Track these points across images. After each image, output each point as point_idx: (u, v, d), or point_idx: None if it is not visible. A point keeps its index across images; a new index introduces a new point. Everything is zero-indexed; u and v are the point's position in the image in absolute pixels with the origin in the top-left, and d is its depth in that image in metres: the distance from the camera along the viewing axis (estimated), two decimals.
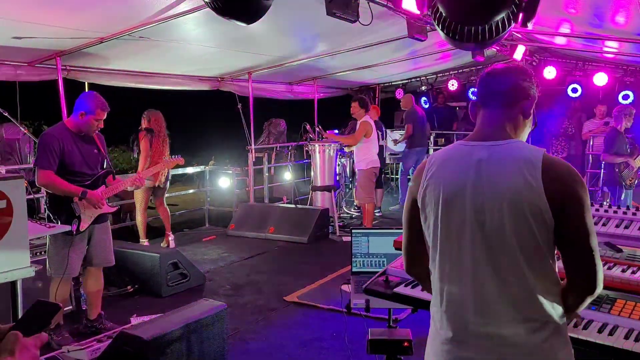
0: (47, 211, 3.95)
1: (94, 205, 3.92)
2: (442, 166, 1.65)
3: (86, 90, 6.42)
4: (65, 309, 4.48)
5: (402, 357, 2.70)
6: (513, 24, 2.64)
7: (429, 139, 9.89)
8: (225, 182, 9.00)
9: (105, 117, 3.99)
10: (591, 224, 1.51)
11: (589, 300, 1.56)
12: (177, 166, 5.80)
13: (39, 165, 3.80)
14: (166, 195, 8.36)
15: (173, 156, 5.03)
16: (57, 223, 3.82)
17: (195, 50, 6.05)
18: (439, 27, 2.88)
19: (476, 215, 1.55)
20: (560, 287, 1.57)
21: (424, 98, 10.86)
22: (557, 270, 1.57)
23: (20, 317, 1.53)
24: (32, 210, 4.75)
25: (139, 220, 6.68)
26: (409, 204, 1.76)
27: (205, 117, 21.96)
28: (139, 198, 6.59)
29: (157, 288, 5.05)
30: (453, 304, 1.60)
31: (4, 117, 5.38)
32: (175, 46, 5.70)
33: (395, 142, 9.46)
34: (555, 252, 1.57)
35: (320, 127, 8.28)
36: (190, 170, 9.87)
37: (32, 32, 4.66)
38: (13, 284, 2.81)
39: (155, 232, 8.53)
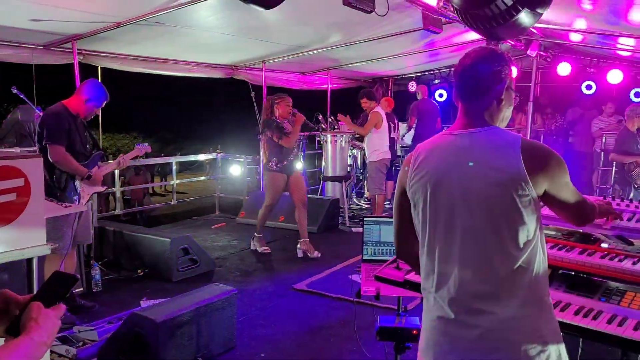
0: (55, 185, 4.03)
1: (94, 184, 4.15)
2: (428, 156, 1.74)
3: (99, 74, 6.50)
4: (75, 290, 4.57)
5: (410, 345, 2.73)
6: (529, 15, 2.63)
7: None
8: (236, 170, 9.04)
9: None
10: (572, 191, 1.69)
11: None
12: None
13: (52, 141, 3.90)
14: (177, 181, 8.45)
15: (145, 144, 4.98)
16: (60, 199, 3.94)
17: (210, 37, 6.07)
18: (456, 14, 2.89)
19: (463, 198, 1.63)
20: (545, 263, 1.66)
21: (440, 90, 10.78)
22: (543, 245, 1.65)
23: (37, 289, 1.55)
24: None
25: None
26: (399, 193, 1.85)
27: (218, 105, 22.01)
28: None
29: (167, 273, 5.10)
30: (442, 285, 1.68)
31: (20, 99, 5.46)
32: (190, 32, 5.72)
33: (401, 136, 9.43)
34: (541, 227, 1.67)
35: (333, 117, 8.31)
36: (201, 157, 9.94)
37: (49, 15, 4.70)
38: (29, 261, 2.86)
39: (156, 221, 8.63)
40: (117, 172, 6.96)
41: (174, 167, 8.24)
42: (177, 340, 3.26)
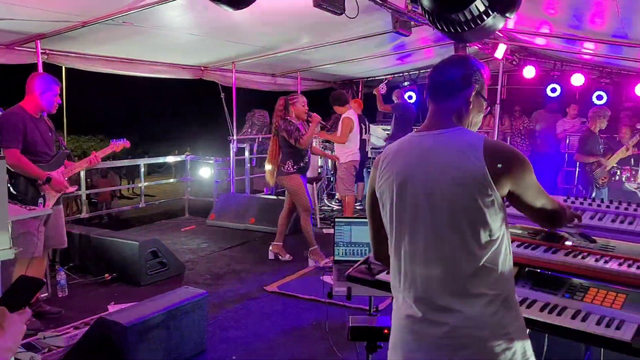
0: (13, 190, 3.92)
1: (58, 190, 4.07)
2: (395, 157, 1.76)
3: (63, 74, 6.36)
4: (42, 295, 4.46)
5: (382, 344, 2.75)
6: (498, 17, 2.69)
7: None
8: (206, 172, 8.96)
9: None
10: (538, 190, 1.71)
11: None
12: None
13: (5, 144, 3.81)
14: (145, 184, 8.32)
15: (121, 140, 4.79)
16: (23, 203, 3.84)
17: (179, 37, 6.00)
18: (425, 16, 2.94)
19: (426, 198, 1.65)
20: (510, 261, 1.69)
21: (409, 93, 10.90)
22: (508, 244, 1.68)
23: (2, 294, 1.52)
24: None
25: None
26: (369, 193, 1.88)
27: (187, 107, 21.75)
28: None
29: (135, 276, 5.02)
30: (409, 283, 1.71)
31: None
32: (159, 33, 5.65)
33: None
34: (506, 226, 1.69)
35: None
36: (170, 159, 9.82)
37: (11, 13, 4.57)
38: None
39: (124, 224, 8.49)
40: (82, 174, 6.81)
41: (142, 170, 8.11)
42: (147, 344, 3.21)
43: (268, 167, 5.78)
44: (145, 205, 8.27)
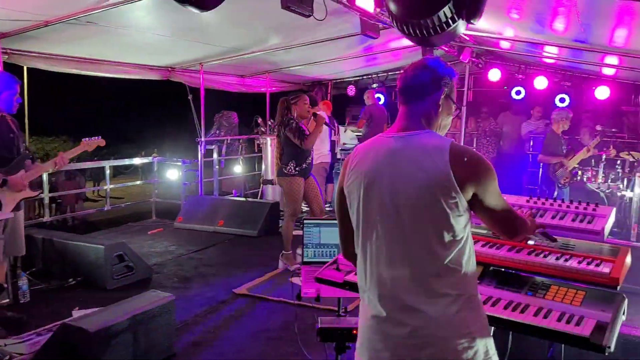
0: None
1: (17, 190, 3.94)
2: (363, 157, 1.79)
3: (25, 74, 6.19)
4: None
5: (350, 345, 2.77)
6: (462, 22, 2.74)
7: None
8: (173, 174, 8.84)
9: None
10: (499, 198, 1.71)
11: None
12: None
13: None
14: (111, 186, 8.17)
15: (94, 137, 4.65)
16: None
17: (146, 38, 5.92)
18: (391, 20, 2.97)
19: (392, 199, 1.68)
20: (473, 262, 1.72)
21: (377, 95, 10.98)
22: (471, 245, 1.71)
23: None
24: None
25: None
26: (339, 193, 1.89)
27: (155, 108, 21.39)
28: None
29: (101, 281, 4.93)
30: (374, 283, 1.74)
31: None
32: (125, 33, 5.56)
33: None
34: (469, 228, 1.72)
35: (272, 120, 8.28)
36: (136, 161, 9.66)
37: None
38: None
39: (90, 227, 8.31)
40: (45, 176, 6.64)
41: (108, 172, 7.96)
42: (113, 351, 3.15)
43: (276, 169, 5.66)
44: (111, 208, 8.12)
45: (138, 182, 10.31)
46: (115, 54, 6.77)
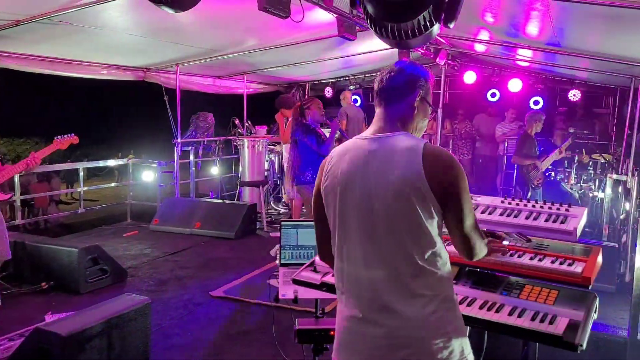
0: None
1: None
2: (339, 159, 1.79)
3: None
4: None
5: (328, 346, 2.77)
6: (436, 24, 2.77)
7: None
8: (149, 176, 8.73)
9: None
10: (468, 206, 1.68)
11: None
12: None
13: None
14: (84, 188, 8.04)
15: (67, 135, 4.60)
16: None
17: (120, 38, 5.83)
18: (368, 23, 2.99)
19: (366, 201, 1.69)
20: (448, 263, 1.73)
21: (354, 96, 11.02)
22: (443, 246, 1.71)
23: None
24: None
25: None
26: (315, 194, 1.89)
27: (130, 109, 21.12)
28: None
29: (74, 284, 4.84)
30: (350, 284, 1.75)
31: None
32: (98, 33, 5.47)
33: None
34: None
35: (250, 122, 8.26)
36: (111, 163, 9.52)
37: None
38: None
39: (64, 230, 8.18)
40: (16, 178, 6.50)
41: (81, 173, 7.83)
42: (87, 355, 3.09)
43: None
44: (85, 211, 7.99)
45: (112, 184, 10.15)
46: (88, 54, 6.67)
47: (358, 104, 10.88)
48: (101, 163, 9.24)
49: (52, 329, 3.03)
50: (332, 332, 2.74)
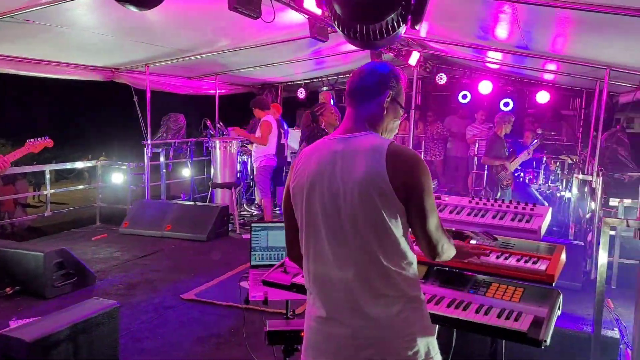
0: None
1: None
2: (308, 159, 1.79)
3: None
4: None
5: (299, 347, 2.76)
6: (403, 26, 2.80)
7: None
8: (118, 178, 8.58)
9: None
10: (431, 206, 1.67)
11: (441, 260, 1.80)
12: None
13: None
14: (52, 191, 7.86)
15: (40, 138, 4.46)
16: None
17: (87, 37, 5.71)
18: (335, 23, 3.00)
19: (332, 201, 1.69)
20: (414, 263, 1.72)
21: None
22: (409, 246, 1.71)
23: None
24: None
25: None
26: (285, 194, 1.89)
27: (98, 110, 20.73)
28: None
29: (40, 289, 4.73)
30: (318, 284, 1.75)
31: None
32: (65, 32, 5.35)
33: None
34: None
35: (222, 123, 8.21)
36: (79, 165, 9.32)
37: None
38: None
39: (30, 234, 7.99)
40: None
41: (48, 176, 7.65)
42: None
43: None
44: (52, 214, 7.80)
45: (81, 187, 9.94)
46: (55, 54, 6.51)
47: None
48: (68, 165, 9.04)
49: (16, 335, 2.96)
50: (302, 334, 2.73)
